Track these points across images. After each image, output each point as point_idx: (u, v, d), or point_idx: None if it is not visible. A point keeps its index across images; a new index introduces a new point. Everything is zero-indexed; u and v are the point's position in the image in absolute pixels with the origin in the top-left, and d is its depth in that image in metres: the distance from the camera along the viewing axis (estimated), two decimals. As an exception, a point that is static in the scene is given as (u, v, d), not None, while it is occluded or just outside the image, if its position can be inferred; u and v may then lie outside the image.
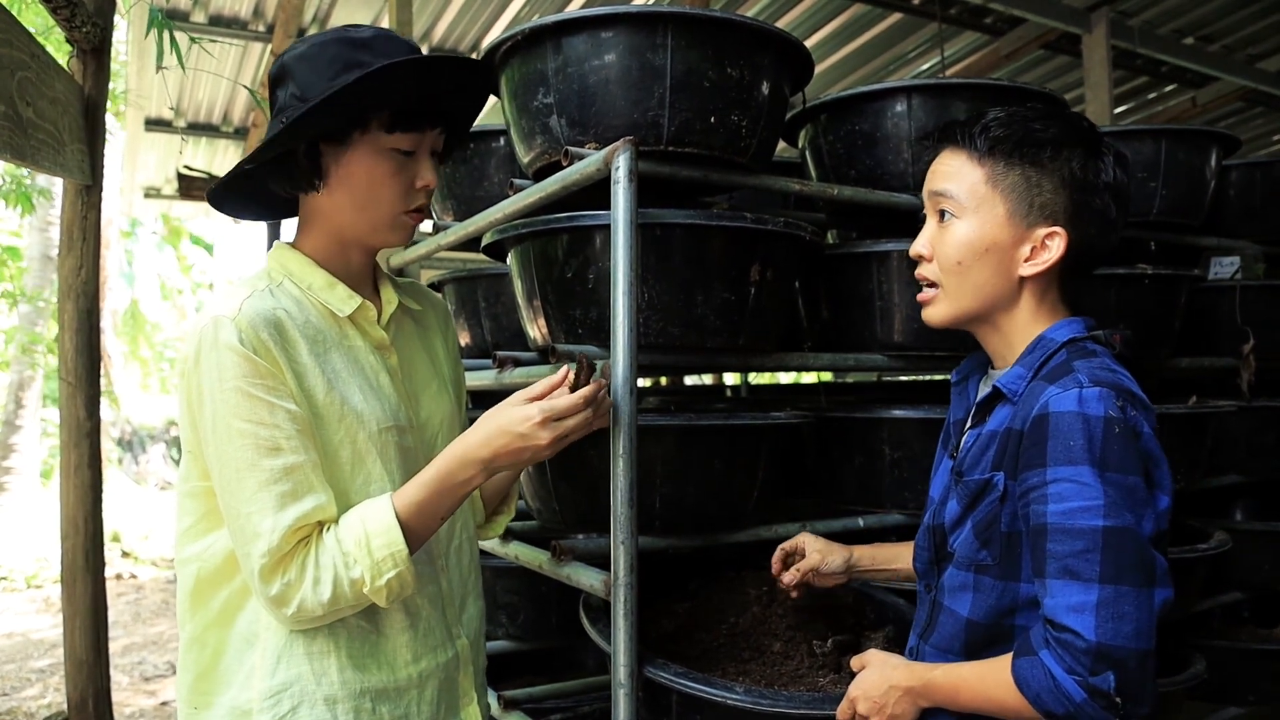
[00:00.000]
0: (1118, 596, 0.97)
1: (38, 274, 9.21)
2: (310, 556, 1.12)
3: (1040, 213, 1.15)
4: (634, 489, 1.37)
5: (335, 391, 1.18)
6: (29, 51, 1.68)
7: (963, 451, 1.21)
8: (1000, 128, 1.16)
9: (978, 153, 1.17)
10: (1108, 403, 1.03)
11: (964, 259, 1.17)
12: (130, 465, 14.09)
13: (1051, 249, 1.15)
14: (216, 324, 1.12)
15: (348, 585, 1.12)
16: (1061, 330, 1.16)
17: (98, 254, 2.03)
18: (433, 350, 1.41)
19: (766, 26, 1.62)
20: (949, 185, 1.18)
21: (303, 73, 1.18)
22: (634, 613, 1.37)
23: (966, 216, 1.17)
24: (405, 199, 1.23)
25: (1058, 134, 1.15)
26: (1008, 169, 1.15)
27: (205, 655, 1.20)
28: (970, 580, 1.15)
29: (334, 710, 1.16)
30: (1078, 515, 1.00)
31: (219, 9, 4.87)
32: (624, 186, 1.38)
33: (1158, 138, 2.37)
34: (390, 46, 1.19)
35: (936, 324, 1.23)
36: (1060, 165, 1.14)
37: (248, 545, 1.11)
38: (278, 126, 1.17)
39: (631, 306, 1.37)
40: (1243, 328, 2.54)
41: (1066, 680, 0.97)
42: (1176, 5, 4.94)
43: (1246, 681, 2.48)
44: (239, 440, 1.10)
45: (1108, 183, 1.16)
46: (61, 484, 2.00)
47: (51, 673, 4.88)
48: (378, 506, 1.15)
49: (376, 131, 1.18)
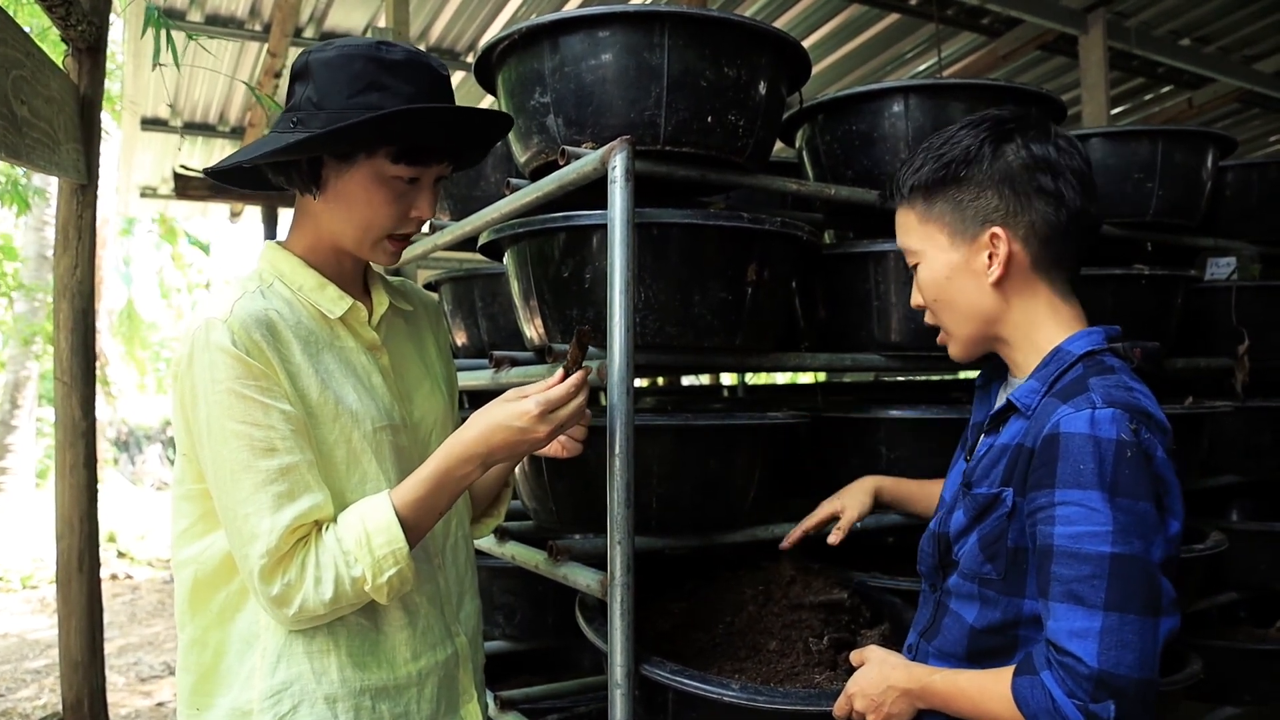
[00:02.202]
0: (1122, 624, 0.96)
1: (33, 273, 9.20)
2: (310, 556, 1.12)
3: (975, 222, 1.17)
4: (631, 489, 1.37)
5: (329, 391, 1.18)
6: (24, 50, 1.68)
7: (975, 459, 1.21)
8: (911, 171, 1.22)
9: (906, 200, 1.24)
10: (1120, 425, 1.02)
11: (939, 295, 1.22)
12: (126, 465, 14.07)
13: (1000, 247, 1.16)
14: (208, 325, 1.11)
15: (349, 584, 1.12)
16: (1079, 342, 1.15)
17: (93, 253, 2.02)
18: (424, 349, 1.41)
19: (764, 26, 1.62)
20: (902, 240, 1.27)
21: (324, 79, 1.16)
22: (630, 613, 1.37)
23: (924, 259, 1.23)
24: (396, 225, 1.23)
25: (963, 144, 1.18)
26: (930, 201, 1.21)
27: (205, 657, 1.19)
28: (975, 591, 1.15)
29: (334, 709, 1.16)
30: (1085, 540, 0.99)
31: (215, 8, 4.86)
32: (621, 186, 1.38)
33: (1154, 138, 2.37)
34: (416, 76, 1.17)
35: (959, 359, 1.29)
36: (973, 172, 1.17)
37: (245, 546, 1.11)
38: (286, 127, 1.16)
39: (628, 306, 1.37)
40: (1238, 328, 2.54)
41: (1066, 704, 0.96)
42: (1173, 6, 4.94)
43: (1243, 681, 2.49)
44: (233, 442, 1.10)
45: (1025, 163, 1.15)
46: (57, 484, 1.99)
47: (46, 673, 4.87)
48: (377, 504, 1.15)
49: (382, 159, 1.18)
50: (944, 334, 1.26)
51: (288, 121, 1.17)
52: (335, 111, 1.14)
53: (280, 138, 1.16)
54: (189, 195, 6.22)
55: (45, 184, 8.26)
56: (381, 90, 1.15)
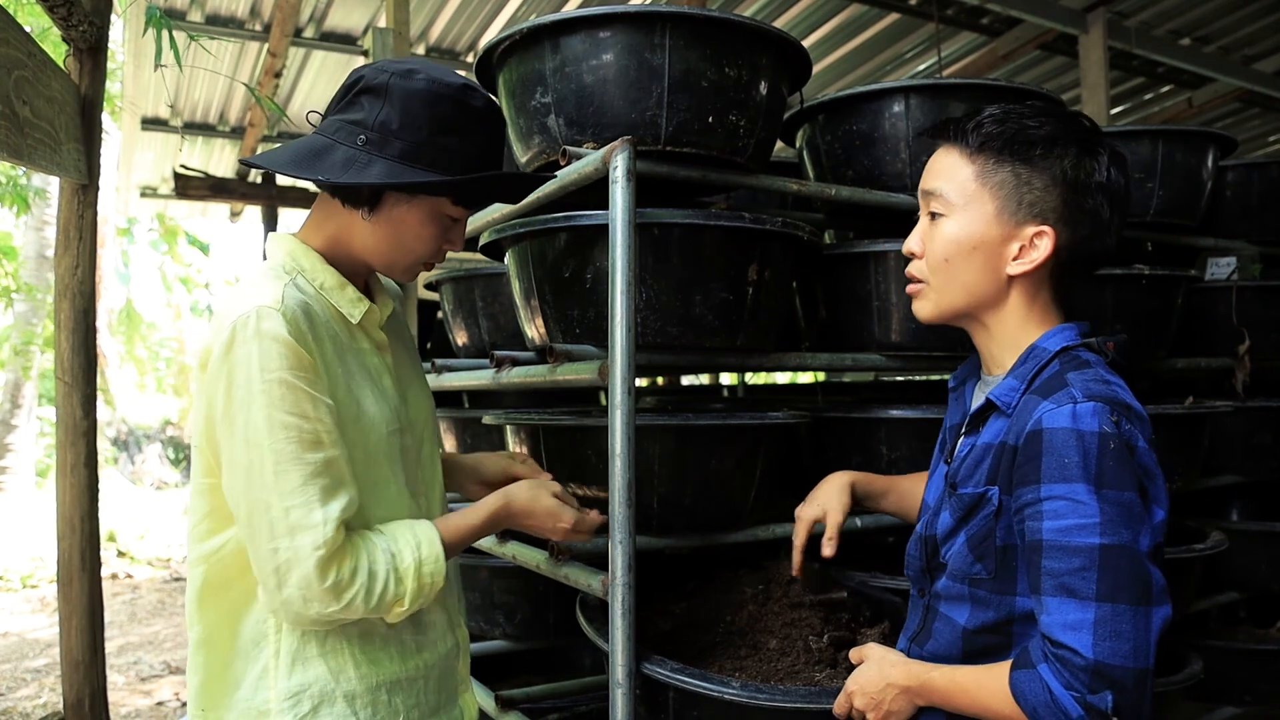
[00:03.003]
0: (1115, 615, 0.97)
1: (33, 273, 9.19)
2: (363, 560, 1.13)
3: (1029, 210, 1.13)
4: (632, 489, 1.37)
5: (351, 394, 1.19)
6: (25, 50, 1.68)
7: (956, 460, 1.20)
8: (993, 124, 1.15)
9: (969, 149, 1.16)
10: (1102, 418, 1.02)
11: (951, 256, 1.16)
12: (126, 465, 14.05)
13: (1039, 248, 1.13)
14: (260, 314, 1.09)
15: (390, 599, 1.15)
16: (1053, 339, 1.15)
17: (94, 253, 2.02)
18: (411, 349, 1.43)
19: (764, 26, 1.62)
20: (940, 183, 1.18)
21: (408, 109, 1.16)
22: (631, 612, 1.38)
23: (955, 214, 1.16)
24: (433, 255, 1.28)
25: (1051, 131, 1.13)
26: (998, 166, 1.14)
27: (215, 655, 1.20)
28: (966, 592, 1.15)
29: (353, 705, 1.18)
30: (1074, 533, 1.00)
31: (215, 8, 4.86)
32: (622, 186, 1.38)
33: (1155, 138, 2.37)
34: (491, 126, 1.24)
35: (925, 319, 1.23)
36: (1051, 163, 1.13)
37: (290, 539, 1.09)
38: (353, 142, 1.17)
39: (630, 306, 1.37)
40: (1239, 328, 2.54)
41: (1064, 696, 0.96)
42: (1173, 6, 4.95)
43: (1243, 681, 2.49)
44: (281, 433, 1.09)
45: (1100, 183, 1.14)
46: (58, 483, 1.99)
47: (47, 672, 4.87)
48: (429, 535, 1.20)
49: (445, 199, 1.23)
50: (921, 288, 1.21)
51: (352, 135, 1.17)
52: (411, 145, 1.16)
53: (350, 142, 1.16)
54: (189, 195, 6.23)
55: (45, 184, 8.25)
56: (461, 135, 1.18)
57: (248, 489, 1.10)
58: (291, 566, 1.09)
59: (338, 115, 1.20)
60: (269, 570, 1.10)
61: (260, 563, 1.11)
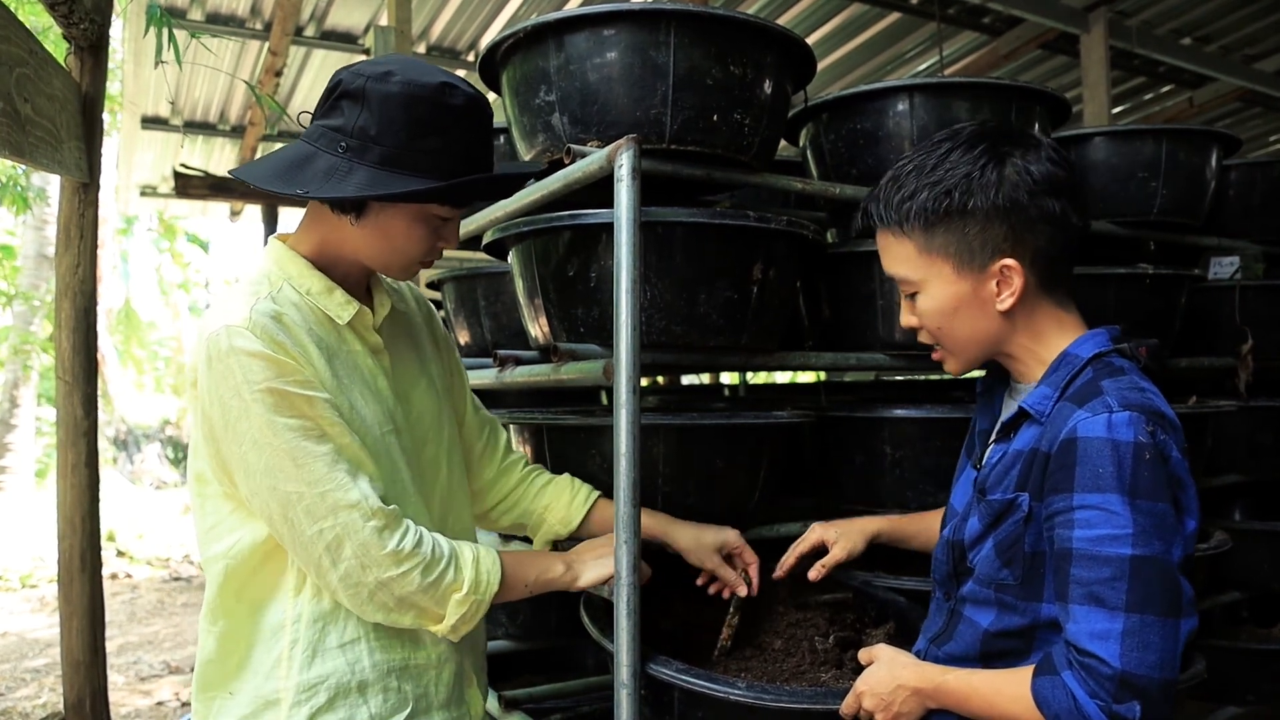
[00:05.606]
0: (1144, 626, 0.96)
1: (33, 273, 9.19)
2: (426, 539, 1.17)
3: (984, 253, 1.13)
4: (636, 488, 1.37)
5: (343, 397, 1.19)
6: (27, 48, 1.67)
7: (986, 466, 1.20)
8: (904, 199, 1.15)
9: (900, 229, 1.18)
10: (1138, 428, 1.02)
11: (942, 324, 1.19)
12: (125, 464, 14.05)
13: (1013, 279, 1.13)
14: (229, 333, 1.11)
15: (449, 584, 1.17)
16: (1085, 345, 1.15)
17: (95, 252, 2.02)
18: (420, 349, 1.42)
19: (769, 24, 1.61)
20: (895, 268, 1.21)
21: (385, 114, 1.15)
22: (637, 613, 1.37)
23: (924, 288, 1.19)
24: (426, 255, 1.27)
25: (959, 171, 1.12)
26: (929, 232, 1.15)
27: (235, 644, 1.20)
28: (992, 597, 1.14)
29: (365, 695, 1.19)
30: (1105, 543, 0.99)
31: (216, 7, 4.86)
32: (627, 184, 1.38)
33: (1158, 137, 2.37)
34: (476, 123, 1.21)
35: (959, 375, 1.27)
36: (977, 200, 1.12)
37: (336, 516, 1.11)
38: (334, 150, 1.15)
39: (635, 305, 1.36)
40: (1242, 328, 2.54)
41: (1089, 704, 0.96)
42: (1174, 5, 4.95)
43: (1246, 681, 2.48)
44: (286, 436, 1.10)
45: (1032, 187, 1.12)
46: (58, 483, 1.99)
47: (47, 672, 4.87)
48: (493, 569, 1.23)
49: (427, 201, 1.21)
50: (942, 352, 1.24)
51: (333, 142, 1.16)
52: (391, 150, 1.14)
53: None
54: (189, 194, 6.22)
55: (45, 183, 8.25)
56: (443, 135, 1.16)
57: (274, 487, 1.11)
58: (343, 541, 1.11)
59: (321, 121, 1.19)
60: (319, 553, 1.12)
61: (307, 551, 1.12)
